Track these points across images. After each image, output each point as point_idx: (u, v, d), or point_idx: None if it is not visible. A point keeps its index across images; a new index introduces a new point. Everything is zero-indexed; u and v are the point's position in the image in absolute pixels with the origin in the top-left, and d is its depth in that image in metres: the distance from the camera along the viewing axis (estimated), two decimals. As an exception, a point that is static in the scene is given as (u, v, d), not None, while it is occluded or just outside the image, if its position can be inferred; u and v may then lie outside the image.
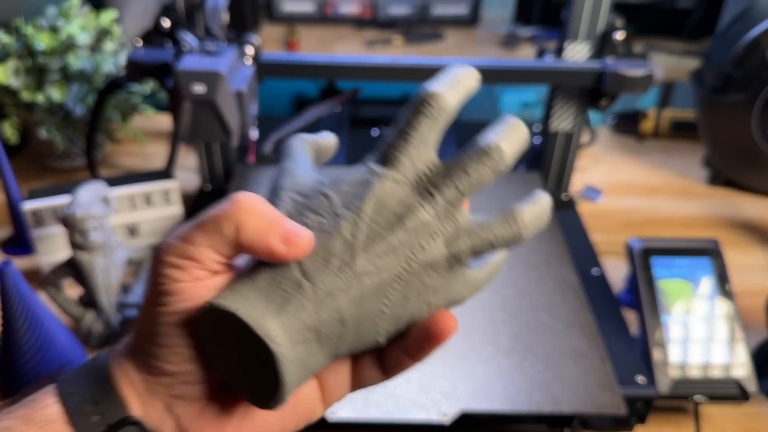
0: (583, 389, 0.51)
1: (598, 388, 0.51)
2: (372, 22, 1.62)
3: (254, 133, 0.94)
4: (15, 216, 0.79)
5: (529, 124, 0.97)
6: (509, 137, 0.28)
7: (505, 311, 0.59)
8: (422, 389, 0.51)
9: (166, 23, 0.68)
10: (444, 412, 0.49)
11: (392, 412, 0.49)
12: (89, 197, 0.63)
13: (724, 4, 1.46)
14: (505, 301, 0.60)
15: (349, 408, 0.50)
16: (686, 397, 0.57)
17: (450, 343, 0.52)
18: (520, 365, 0.53)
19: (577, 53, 0.75)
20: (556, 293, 0.61)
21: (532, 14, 1.62)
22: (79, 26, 0.87)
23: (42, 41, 0.84)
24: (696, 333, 0.59)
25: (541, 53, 0.79)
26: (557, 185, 0.86)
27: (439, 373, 0.52)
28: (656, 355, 0.58)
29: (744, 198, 0.96)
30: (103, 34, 0.91)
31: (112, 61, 0.90)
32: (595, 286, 0.69)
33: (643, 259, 0.61)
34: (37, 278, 0.75)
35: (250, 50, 0.67)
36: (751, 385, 0.57)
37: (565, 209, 0.83)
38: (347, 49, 1.48)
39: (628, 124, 1.12)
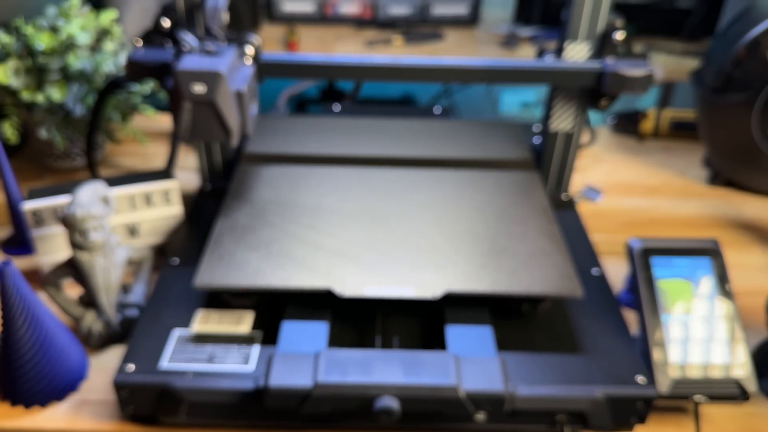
0: (548, 278, 0.62)
1: (560, 277, 0.62)
2: (372, 22, 1.62)
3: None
4: (15, 216, 0.79)
5: (529, 124, 0.97)
6: None
7: (485, 225, 0.70)
8: (412, 277, 0.62)
9: (166, 23, 0.68)
10: (432, 292, 0.59)
11: (388, 291, 0.60)
12: (89, 197, 0.63)
13: (724, 4, 1.46)
14: (485, 217, 0.71)
15: (351, 288, 0.60)
16: (686, 397, 0.57)
17: (437, 245, 0.66)
18: (496, 261, 0.64)
19: (577, 53, 0.75)
20: (530, 212, 0.72)
21: (532, 14, 1.62)
22: (79, 26, 0.87)
23: (42, 41, 0.84)
24: (696, 333, 0.59)
25: (541, 53, 0.79)
26: (557, 185, 0.86)
27: (426, 265, 0.63)
28: (656, 355, 0.58)
29: (744, 198, 0.96)
30: (103, 34, 0.91)
31: (112, 61, 0.90)
32: (595, 286, 0.69)
33: (643, 259, 0.61)
34: (37, 278, 0.75)
35: (250, 50, 0.67)
36: (751, 385, 0.57)
37: (564, 209, 0.83)
38: (347, 49, 1.48)
39: (628, 124, 1.12)
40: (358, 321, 0.63)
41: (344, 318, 0.63)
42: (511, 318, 0.63)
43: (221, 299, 0.64)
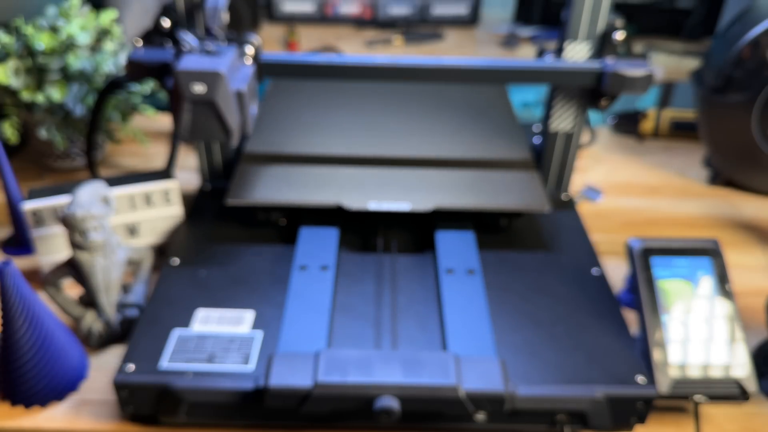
0: (521, 197, 0.74)
1: (531, 197, 0.74)
2: (372, 22, 1.62)
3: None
4: (15, 216, 0.79)
5: (529, 124, 0.97)
6: None
7: (469, 167, 0.80)
8: (408, 195, 0.73)
9: (166, 23, 0.68)
10: (425, 205, 0.71)
11: (388, 205, 0.71)
12: (89, 197, 0.63)
13: (724, 4, 1.46)
14: (472, 152, 0.82)
15: (357, 203, 0.72)
16: (686, 397, 0.57)
17: (430, 172, 0.77)
18: (479, 184, 0.76)
19: (577, 53, 0.75)
20: (509, 145, 0.83)
21: (532, 14, 1.62)
22: (79, 26, 0.87)
23: (42, 41, 0.84)
24: (696, 333, 0.59)
25: (541, 53, 0.79)
26: (557, 185, 0.86)
27: (421, 187, 0.75)
28: (656, 355, 0.58)
29: (744, 198, 0.96)
30: (103, 34, 0.91)
31: (112, 61, 0.90)
32: (595, 286, 0.69)
33: (643, 259, 0.61)
34: (37, 278, 0.75)
35: (250, 50, 0.67)
36: (751, 385, 0.57)
37: (565, 209, 0.83)
38: (347, 49, 1.48)
39: (628, 124, 1.12)
40: (363, 230, 0.75)
41: (352, 228, 0.75)
42: (493, 232, 0.76)
43: (246, 216, 0.76)
